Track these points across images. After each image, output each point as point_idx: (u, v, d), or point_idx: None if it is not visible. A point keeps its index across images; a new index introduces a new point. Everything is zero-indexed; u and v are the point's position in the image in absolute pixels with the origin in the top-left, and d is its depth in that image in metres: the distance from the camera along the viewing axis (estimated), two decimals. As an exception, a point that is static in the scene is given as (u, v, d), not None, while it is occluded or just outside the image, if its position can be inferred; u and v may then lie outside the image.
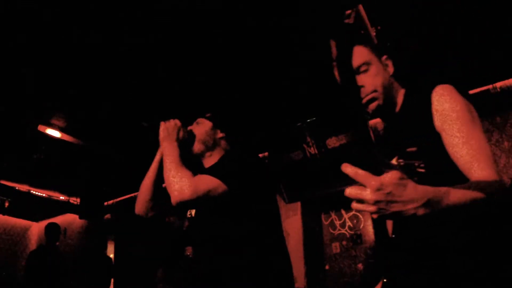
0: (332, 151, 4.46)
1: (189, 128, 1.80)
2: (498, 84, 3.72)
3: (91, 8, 2.74)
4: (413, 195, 0.83)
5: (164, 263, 5.47)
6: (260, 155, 5.09)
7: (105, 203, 6.57)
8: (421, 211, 0.83)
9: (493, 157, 1.07)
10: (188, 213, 1.80)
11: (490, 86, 3.70)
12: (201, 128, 1.80)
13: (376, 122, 4.92)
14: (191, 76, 3.56)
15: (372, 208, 0.84)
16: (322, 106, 4.22)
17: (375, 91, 1.29)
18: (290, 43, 3.22)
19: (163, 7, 2.78)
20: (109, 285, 4.68)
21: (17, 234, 7.42)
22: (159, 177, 1.75)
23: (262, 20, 2.96)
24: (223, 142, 1.81)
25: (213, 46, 3.20)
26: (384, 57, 1.36)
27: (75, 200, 6.61)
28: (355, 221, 5.04)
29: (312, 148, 4.54)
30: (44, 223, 6.54)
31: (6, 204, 6.12)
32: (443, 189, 0.89)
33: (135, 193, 6.31)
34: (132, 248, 6.23)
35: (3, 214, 6.31)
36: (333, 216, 5.20)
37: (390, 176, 0.83)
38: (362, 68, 1.32)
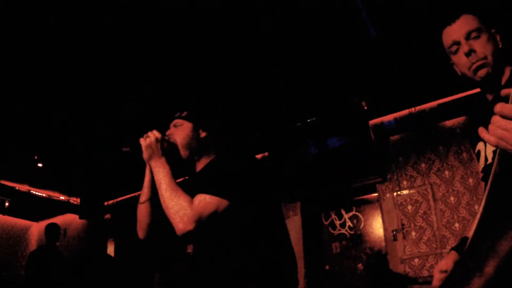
0: (332, 151, 4.46)
1: (167, 133, 1.63)
2: None
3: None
4: None
5: (162, 265, 5.47)
6: (260, 155, 5.09)
7: (105, 203, 6.57)
8: None
9: None
10: None
11: None
12: (181, 131, 1.63)
13: (376, 121, 4.90)
14: (191, 75, 3.57)
15: None
16: (322, 106, 4.22)
17: (485, 58, 1.27)
18: (290, 42, 3.22)
19: (163, 7, 2.78)
20: (112, 284, 4.68)
21: (17, 234, 7.41)
22: (154, 198, 1.60)
23: (262, 20, 2.97)
24: (210, 142, 1.66)
25: (212, 45, 3.20)
26: (493, 30, 1.34)
27: (75, 200, 6.61)
28: (355, 221, 5.03)
29: (312, 148, 4.54)
30: (44, 223, 6.53)
31: (6, 204, 6.11)
32: None
33: (135, 193, 6.31)
34: (132, 248, 6.23)
35: (3, 214, 6.30)
36: (333, 216, 5.20)
37: None
38: (473, 34, 1.29)
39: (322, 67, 3.55)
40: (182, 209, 1.41)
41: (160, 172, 1.50)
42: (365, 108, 4.11)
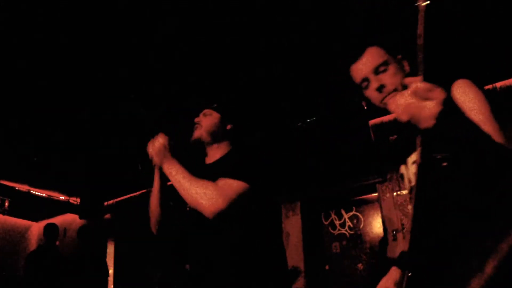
0: (332, 151, 4.46)
1: (196, 120, 1.77)
2: (498, 84, 3.73)
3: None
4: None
5: (163, 264, 5.47)
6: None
7: (105, 203, 6.57)
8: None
9: None
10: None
11: (489, 86, 3.71)
12: (209, 119, 1.75)
13: (376, 121, 4.90)
14: (192, 73, 3.57)
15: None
16: (322, 106, 4.22)
17: (395, 89, 1.28)
18: (291, 43, 3.22)
19: (168, 7, 2.78)
20: (105, 285, 4.67)
21: (17, 234, 7.41)
22: (163, 198, 1.73)
23: (263, 20, 2.97)
24: (231, 135, 1.77)
25: (213, 45, 3.20)
26: (399, 56, 1.35)
27: (75, 200, 6.61)
28: (355, 221, 5.04)
29: (311, 148, 4.54)
30: (44, 223, 6.52)
31: (6, 204, 6.11)
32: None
33: (135, 193, 6.31)
34: (132, 248, 6.23)
35: (3, 214, 6.30)
36: (333, 216, 5.20)
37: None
38: (381, 68, 1.31)
39: (322, 67, 3.55)
40: (208, 191, 1.44)
41: (174, 170, 1.55)
42: (365, 108, 4.11)
